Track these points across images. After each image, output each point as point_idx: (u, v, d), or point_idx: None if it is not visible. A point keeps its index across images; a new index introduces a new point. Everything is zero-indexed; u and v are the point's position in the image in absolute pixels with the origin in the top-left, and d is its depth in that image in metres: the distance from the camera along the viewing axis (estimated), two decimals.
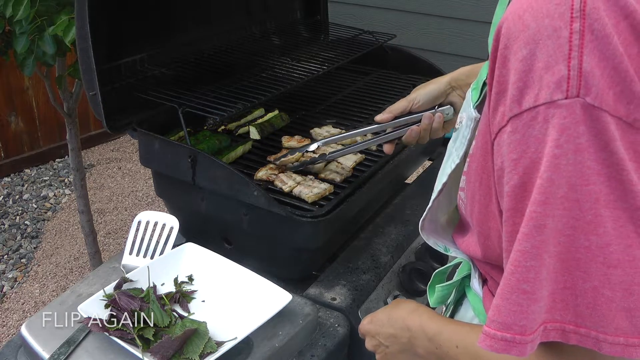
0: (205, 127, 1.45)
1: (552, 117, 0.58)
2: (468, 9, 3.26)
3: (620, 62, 0.57)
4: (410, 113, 1.23)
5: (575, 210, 0.59)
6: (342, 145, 1.36)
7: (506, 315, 0.63)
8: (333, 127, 1.54)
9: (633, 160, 0.58)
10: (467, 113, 0.81)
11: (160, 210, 1.28)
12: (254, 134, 1.48)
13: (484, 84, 0.77)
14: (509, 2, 0.69)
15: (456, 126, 0.85)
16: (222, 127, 1.53)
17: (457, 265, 0.98)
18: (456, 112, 1.23)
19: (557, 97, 0.57)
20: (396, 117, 1.23)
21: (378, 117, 1.23)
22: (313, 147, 1.31)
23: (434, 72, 1.86)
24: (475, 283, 0.89)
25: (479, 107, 0.78)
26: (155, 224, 1.25)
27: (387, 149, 1.26)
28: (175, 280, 1.15)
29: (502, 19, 0.63)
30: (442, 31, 3.41)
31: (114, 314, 1.02)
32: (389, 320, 0.92)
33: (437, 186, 0.88)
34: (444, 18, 3.37)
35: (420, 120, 1.22)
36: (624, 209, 0.58)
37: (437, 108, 1.22)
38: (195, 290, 1.13)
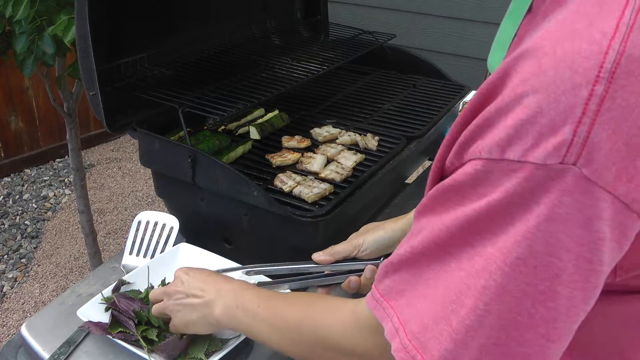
0: (205, 127, 1.45)
1: (536, 179, 0.51)
2: (469, 9, 3.26)
3: (633, 136, 0.50)
4: (354, 259, 1.07)
5: (529, 276, 0.53)
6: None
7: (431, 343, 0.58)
8: (333, 127, 1.54)
9: (615, 240, 0.52)
10: None
11: (160, 210, 1.27)
12: (254, 134, 1.48)
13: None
14: (522, 21, 0.63)
15: None
16: (222, 127, 1.53)
17: None
18: None
19: (551, 161, 0.50)
20: (337, 261, 1.06)
21: (316, 257, 1.06)
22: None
23: (434, 72, 1.86)
24: None
25: None
26: (155, 224, 1.25)
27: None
28: (163, 282, 1.13)
29: (519, 52, 0.55)
30: (442, 31, 3.41)
31: (115, 315, 1.02)
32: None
33: None
34: (444, 18, 3.37)
35: (363, 269, 1.04)
36: (582, 289, 0.53)
37: (384, 259, 1.01)
38: None
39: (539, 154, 0.51)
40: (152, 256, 1.22)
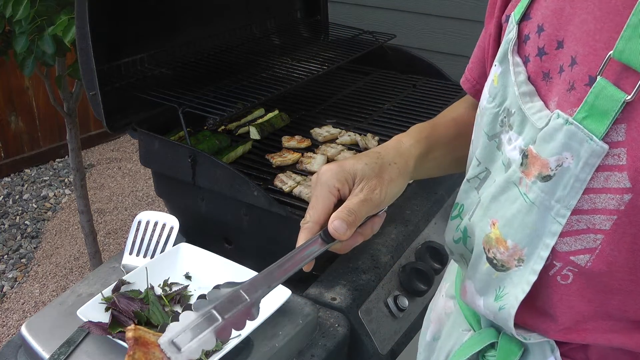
0: (205, 127, 1.45)
1: None
2: (468, 9, 3.26)
3: None
4: None
5: None
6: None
7: None
8: (333, 127, 1.54)
9: None
10: (579, 150, 0.63)
11: (160, 210, 1.27)
12: (254, 134, 1.48)
13: (623, 103, 0.60)
14: None
15: (550, 172, 0.66)
16: (222, 127, 1.53)
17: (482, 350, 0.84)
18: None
19: None
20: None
21: (341, 234, 0.81)
22: None
23: (434, 72, 1.86)
24: None
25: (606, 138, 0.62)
26: (155, 224, 1.24)
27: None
28: (165, 282, 1.14)
29: None
30: (442, 31, 3.41)
31: (115, 315, 1.02)
32: None
33: (539, 260, 0.69)
34: (444, 18, 3.37)
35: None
36: None
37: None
38: (195, 290, 1.13)
39: None
40: (152, 256, 1.22)
